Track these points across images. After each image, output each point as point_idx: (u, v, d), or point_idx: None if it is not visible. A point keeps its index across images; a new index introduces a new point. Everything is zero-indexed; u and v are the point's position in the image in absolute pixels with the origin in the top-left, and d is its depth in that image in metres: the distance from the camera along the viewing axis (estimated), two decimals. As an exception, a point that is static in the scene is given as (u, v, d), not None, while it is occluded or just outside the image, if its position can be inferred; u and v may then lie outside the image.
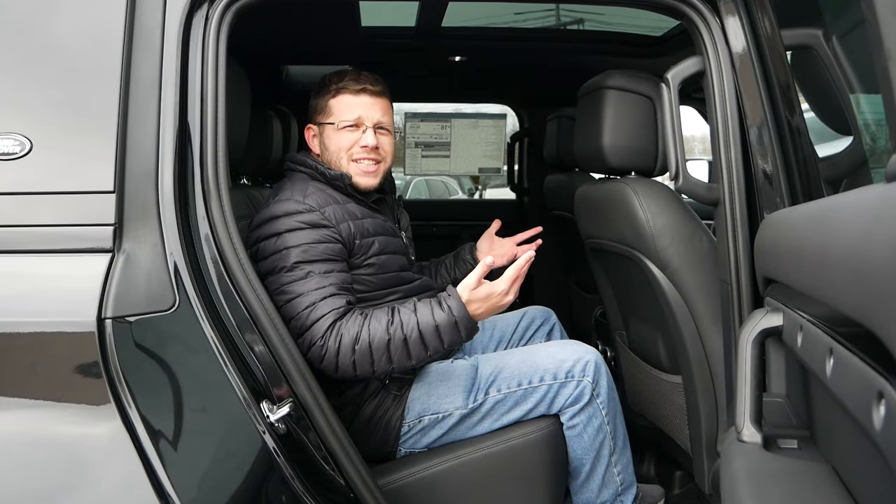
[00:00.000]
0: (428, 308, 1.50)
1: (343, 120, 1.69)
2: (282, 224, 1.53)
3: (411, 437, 1.64)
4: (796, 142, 1.37)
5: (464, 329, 1.49)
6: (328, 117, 1.72)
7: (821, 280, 0.76)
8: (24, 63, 1.22)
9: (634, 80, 1.73)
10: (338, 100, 1.71)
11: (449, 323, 1.48)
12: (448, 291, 1.52)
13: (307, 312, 1.46)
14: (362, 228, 1.64)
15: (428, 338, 1.48)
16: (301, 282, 1.49)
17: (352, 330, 1.47)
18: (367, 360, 1.47)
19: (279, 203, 1.57)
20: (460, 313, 1.49)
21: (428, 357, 1.52)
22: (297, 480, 1.20)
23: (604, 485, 1.69)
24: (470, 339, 1.54)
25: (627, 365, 2.10)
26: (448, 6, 2.17)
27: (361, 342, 1.46)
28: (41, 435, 1.06)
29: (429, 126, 3.49)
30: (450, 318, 1.48)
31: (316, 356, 1.46)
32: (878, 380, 0.61)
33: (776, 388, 1.23)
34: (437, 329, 1.48)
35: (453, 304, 1.49)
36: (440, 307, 1.50)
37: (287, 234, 1.52)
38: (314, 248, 1.52)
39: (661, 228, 1.65)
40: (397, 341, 1.47)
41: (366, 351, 1.46)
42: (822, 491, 0.87)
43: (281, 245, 1.52)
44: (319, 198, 1.60)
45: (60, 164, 1.19)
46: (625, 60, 2.63)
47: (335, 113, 1.71)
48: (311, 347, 1.46)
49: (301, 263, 1.50)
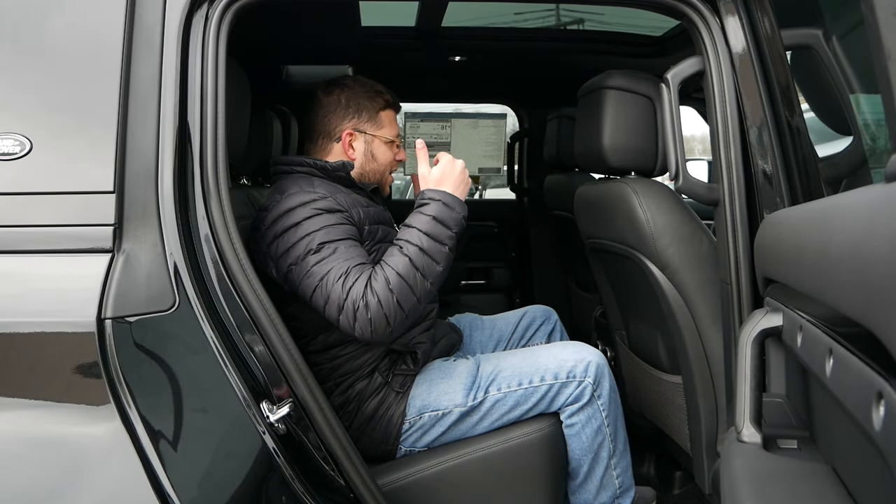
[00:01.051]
0: (416, 214, 1.56)
1: (395, 135, 1.81)
2: (298, 214, 1.53)
3: (412, 435, 1.64)
4: (796, 142, 1.37)
5: (455, 204, 1.55)
6: (380, 129, 1.78)
7: (821, 280, 0.76)
8: (23, 63, 1.22)
9: (634, 80, 1.73)
10: (387, 113, 1.80)
11: (440, 208, 1.54)
12: (419, 195, 1.60)
13: (341, 282, 1.46)
14: (370, 215, 1.66)
15: (436, 233, 1.52)
16: (330, 258, 1.49)
17: (378, 278, 1.48)
18: (406, 290, 1.47)
19: (290, 197, 1.57)
20: (440, 195, 1.55)
21: (448, 253, 1.53)
22: (297, 481, 1.20)
23: (602, 487, 1.69)
24: (465, 212, 1.57)
25: (627, 365, 2.10)
26: (448, 6, 2.17)
27: (392, 279, 1.47)
28: (41, 435, 1.06)
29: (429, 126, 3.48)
30: (437, 205, 1.54)
31: (364, 320, 1.45)
32: (878, 380, 0.61)
33: (776, 388, 1.23)
34: (435, 220, 1.53)
35: (430, 193, 1.56)
36: (424, 205, 1.56)
37: (306, 222, 1.53)
38: (336, 229, 1.53)
39: (661, 228, 1.65)
40: (416, 255, 1.50)
41: (400, 283, 1.47)
42: (822, 491, 0.87)
43: (303, 232, 1.52)
44: (327, 187, 1.62)
45: (60, 164, 1.19)
46: (625, 60, 2.63)
47: (387, 127, 1.79)
48: (357, 313, 1.45)
49: (326, 243, 1.51)
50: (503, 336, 2.02)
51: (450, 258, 1.54)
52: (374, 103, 1.76)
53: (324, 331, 1.62)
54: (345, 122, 1.75)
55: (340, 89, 1.77)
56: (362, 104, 1.76)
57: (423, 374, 1.69)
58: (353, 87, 1.77)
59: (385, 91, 1.80)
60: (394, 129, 1.81)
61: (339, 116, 1.76)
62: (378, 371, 1.65)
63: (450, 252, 1.53)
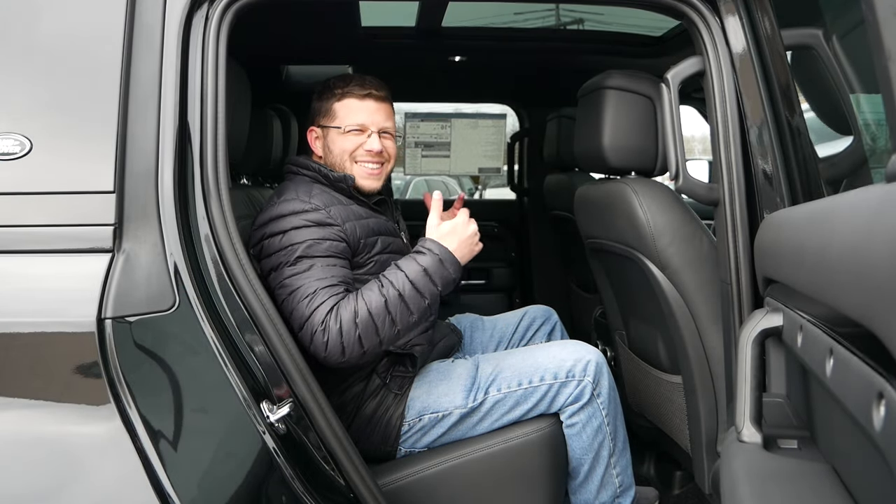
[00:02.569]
0: (410, 259, 1.53)
1: (348, 124, 1.71)
2: (287, 222, 1.54)
3: (412, 436, 1.64)
4: (796, 142, 1.37)
5: (450, 265, 1.52)
6: (333, 121, 1.73)
7: (821, 280, 0.76)
8: (22, 63, 1.22)
9: (634, 80, 1.73)
10: (343, 104, 1.72)
11: (434, 262, 1.51)
12: (420, 241, 1.57)
13: (307, 301, 1.46)
14: (367, 228, 1.64)
15: (421, 285, 1.50)
16: (303, 274, 1.49)
17: (348, 307, 1.47)
18: (371, 329, 1.46)
19: (285, 202, 1.57)
20: (440, 250, 1.53)
21: (427, 308, 1.52)
22: (297, 480, 1.20)
23: (602, 486, 1.69)
24: (459, 276, 1.55)
25: (627, 365, 2.10)
26: (448, 6, 2.17)
27: (360, 313, 1.46)
28: (41, 435, 1.06)
29: (429, 126, 3.49)
30: (433, 258, 1.52)
31: (320, 344, 1.45)
32: (878, 380, 0.61)
33: (776, 388, 1.23)
34: (425, 273, 1.50)
35: (430, 244, 1.54)
36: (420, 254, 1.53)
37: (292, 232, 1.53)
38: (319, 245, 1.52)
39: (661, 228, 1.65)
40: (393, 300, 1.48)
41: (367, 320, 1.46)
42: (822, 491, 0.87)
43: (286, 242, 1.52)
44: (324, 198, 1.61)
45: (60, 164, 1.19)
46: (625, 60, 2.63)
47: (340, 117, 1.72)
48: (314, 336, 1.45)
49: (304, 258, 1.50)
50: (504, 336, 2.02)
51: (427, 312, 1.54)
52: (328, 94, 1.74)
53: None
54: (310, 122, 1.78)
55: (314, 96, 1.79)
56: (320, 100, 1.76)
57: (422, 376, 1.69)
58: (319, 89, 1.77)
59: (343, 83, 1.73)
60: (353, 117, 1.71)
61: (308, 121, 1.79)
62: (376, 373, 1.65)
63: (429, 307, 1.52)
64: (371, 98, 1.71)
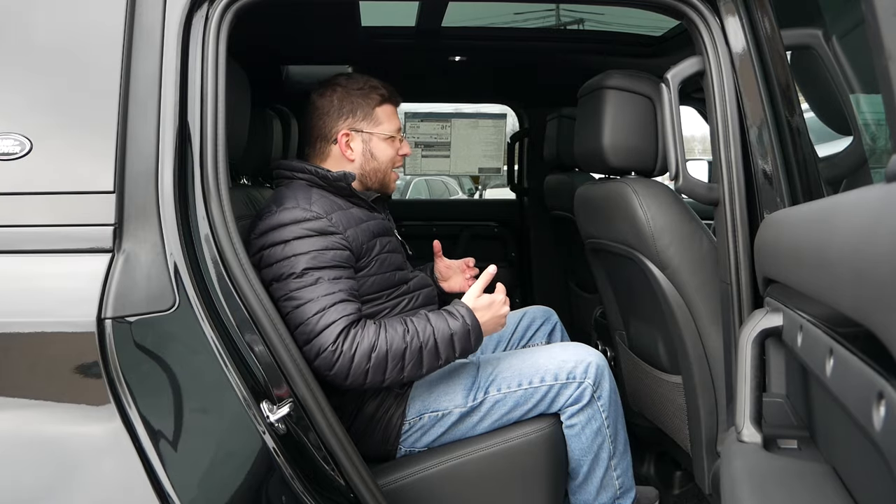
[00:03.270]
0: (442, 318, 1.54)
1: (395, 130, 1.75)
2: (289, 232, 1.51)
3: (412, 436, 1.64)
4: (796, 142, 1.37)
5: (474, 338, 1.56)
6: (377, 126, 1.72)
7: (821, 280, 0.76)
8: (22, 63, 1.22)
9: (634, 80, 1.73)
10: (384, 109, 1.74)
11: (463, 331, 1.54)
12: (454, 303, 1.58)
13: (317, 318, 1.45)
14: (367, 232, 1.63)
15: (442, 346, 1.52)
16: (310, 287, 1.47)
17: (369, 338, 1.46)
18: (382, 368, 1.47)
19: (285, 211, 1.54)
20: (472, 321, 1.55)
21: (438, 367, 1.55)
22: (297, 480, 1.20)
23: (602, 487, 1.69)
24: (477, 349, 1.58)
25: (627, 365, 2.10)
26: (448, 6, 2.17)
27: (378, 350, 1.46)
28: (41, 435, 1.06)
29: (429, 126, 3.49)
30: (464, 327, 1.54)
31: (326, 363, 1.44)
32: (878, 380, 0.61)
33: (776, 388, 1.23)
34: (451, 338, 1.53)
35: (465, 312, 1.55)
36: (452, 317, 1.54)
37: (295, 242, 1.50)
38: (323, 255, 1.50)
39: (661, 228, 1.65)
40: (414, 350, 1.49)
41: (382, 359, 1.47)
42: (822, 491, 0.87)
43: (289, 252, 1.49)
44: (325, 205, 1.58)
45: (60, 164, 1.19)
46: (625, 60, 2.63)
47: (384, 123, 1.73)
48: (322, 353, 1.43)
49: (311, 270, 1.48)
50: (503, 336, 2.02)
51: (434, 370, 1.56)
52: (369, 100, 1.71)
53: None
54: (340, 122, 1.71)
55: (332, 90, 1.72)
56: (356, 102, 1.71)
57: (423, 376, 1.69)
58: (346, 85, 1.72)
59: (381, 85, 1.74)
60: (394, 123, 1.75)
61: (333, 118, 1.71)
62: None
63: (438, 366, 1.55)
64: (398, 103, 1.78)
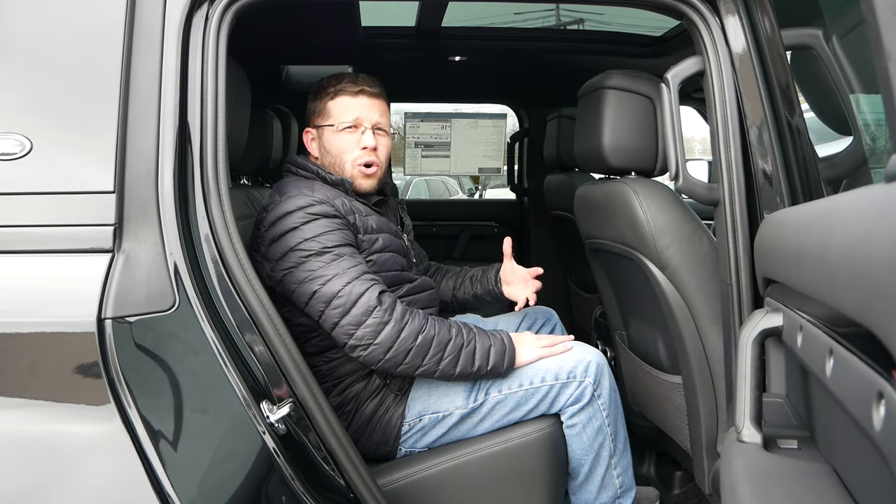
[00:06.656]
0: (485, 333, 1.60)
1: (342, 121, 1.70)
2: (297, 218, 1.54)
3: (412, 437, 1.64)
4: (796, 142, 1.37)
5: (507, 365, 1.60)
6: (327, 119, 1.73)
7: (821, 280, 0.76)
8: (22, 63, 1.22)
9: (634, 80, 1.73)
10: (336, 101, 1.72)
11: (500, 349, 1.59)
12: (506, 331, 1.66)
13: (349, 288, 1.48)
14: (366, 224, 1.65)
15: (479, 353, 1.57)
16: (334, 263, 1.50)
17: (420, 318, 1.52)
18: (424, 352, 1.51)
19: (289, 200, 1.57)
20: (510, 352, 1.61)
21: (467, 374, 1.57)
22: (297, 481, 1.20)
23: (603, 486, 1.69)
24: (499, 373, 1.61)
25: (627, 365, 2.10)
26: (448, 6, 2.18)
27: (426, 333, 1.51)
28: (41, 435, 1.06)
29: (429, 126, 3.49)
30: (503, 346, 1.60)
31: (371, 331, 1.46)
32: (878, 380, 0.61)
33: (776, 388, 1.23)
34: (489, 351, 1.58)
35: (507, 339, 1.62)
36: (497, 337, 1.61)
37: (304, 226, 1.53)
38: (335, 235, 1.54)
39: (661, 228, 1.65)
40: (456, 344, 1.54)
41: (427, 343, 1.50)
42: (822, 491, 0.87)
43: (301, 237, 1.52)
44: (327, 192, 1.62)
45: (60, 164, 1.19)
46: (625, 60, 2.63)
47: (334, 115, 1.72)
48: (372, 313, 1.46)
49: (328, 248, 1.51)
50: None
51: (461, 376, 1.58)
52: (323, 94, 1.74)
53: (317, 334, 1.61)
54: (305, 125, 1.79)
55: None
56: (312, 104, 1.76)
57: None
58: (313, 90, 1.77)
59: (335, 80, 1.73)
60: (347, 114, 1.70)
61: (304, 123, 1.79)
62: (376, 373, 1.65)
63: (468, 374, 1.57)
64: (364, 94, 1.71)
